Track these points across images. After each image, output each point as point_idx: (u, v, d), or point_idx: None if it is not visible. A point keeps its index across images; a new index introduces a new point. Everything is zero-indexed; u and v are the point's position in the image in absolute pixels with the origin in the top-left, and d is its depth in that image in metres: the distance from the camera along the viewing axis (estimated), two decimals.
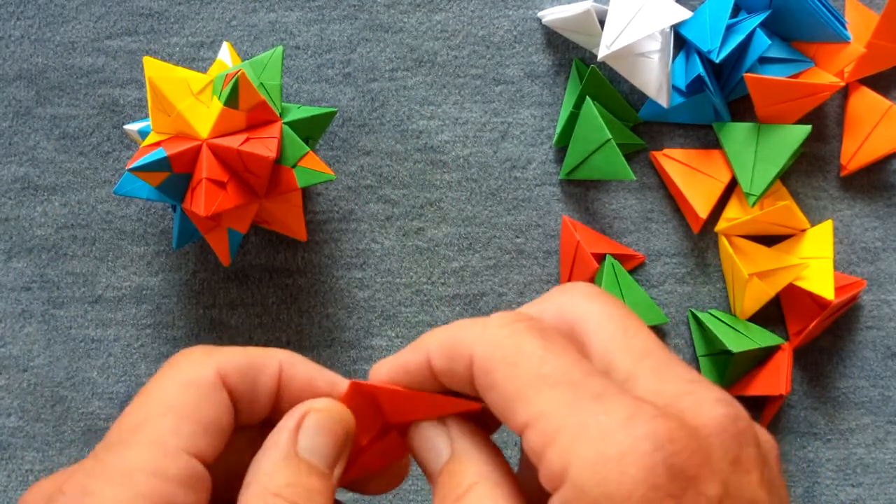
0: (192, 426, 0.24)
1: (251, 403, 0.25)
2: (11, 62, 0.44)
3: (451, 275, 0.44)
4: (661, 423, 0.20)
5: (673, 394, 0.22)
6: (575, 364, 0.22)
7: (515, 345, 0.23)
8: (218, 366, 0.25)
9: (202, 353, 0.25)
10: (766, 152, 0.42)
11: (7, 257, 0.44)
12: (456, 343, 0.24)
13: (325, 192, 0.44)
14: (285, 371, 0.26)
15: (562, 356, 0.22)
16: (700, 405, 0.22)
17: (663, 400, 0.22)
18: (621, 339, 0.23)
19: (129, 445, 0.23)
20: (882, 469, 0.44)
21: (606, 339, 0.24)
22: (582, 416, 0.21)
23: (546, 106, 0.44)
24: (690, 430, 0.21)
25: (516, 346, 0.23)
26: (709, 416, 0.21)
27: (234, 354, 0.25)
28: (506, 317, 0.24)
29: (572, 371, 0.22)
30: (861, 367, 0.44)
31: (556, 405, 0.21)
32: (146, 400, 0.24)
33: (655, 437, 0.20)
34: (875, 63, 0.43)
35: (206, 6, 0.44)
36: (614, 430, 0.20)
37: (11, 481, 0.43)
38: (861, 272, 0.44)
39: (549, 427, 0.21)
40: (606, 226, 0.44)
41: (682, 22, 0.42)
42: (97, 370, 0.44)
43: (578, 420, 0.21)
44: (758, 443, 0.23)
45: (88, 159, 0.44)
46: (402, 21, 0.44)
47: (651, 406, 0.21)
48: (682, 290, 0.44)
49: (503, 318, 0.24)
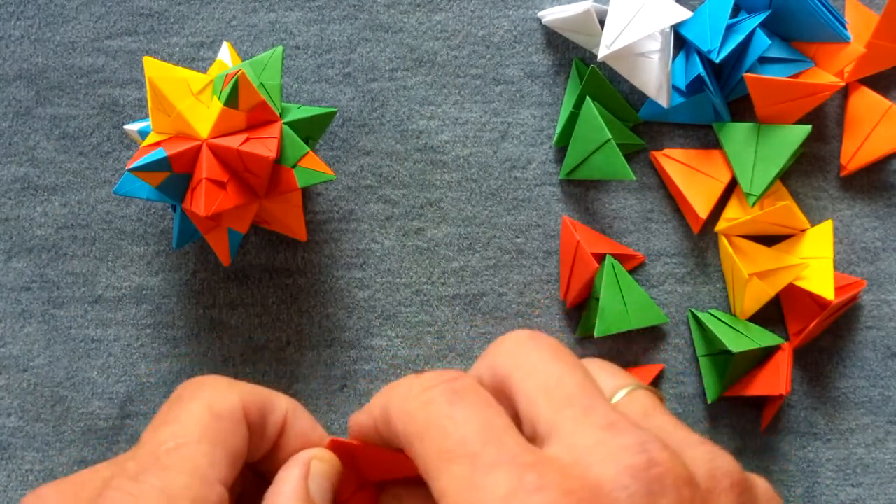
0: (224, 456, 0.24)
1: (260, 440, 0.27)
2: (11, 62, 0.44)
3: (451, 275, 0.44)
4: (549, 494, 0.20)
5: (585, 446, 0.22)
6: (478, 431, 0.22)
7: (425, 417, 0.23)
8: (242, 399, 0.26)
9: (227, 385, 0.26)
10: (766, 152, 0.42)
11: (7, 257, 0.44)
12: (385, 411, 0.25)
13: (325, 192, 0.44)
14: (290, 417, 0.27)
15: (466, 423, 0.22)
16: (610, 457, 0.21)
17: (574, 454, 0.21)
18: (544, 390, 0.23)
19: (169, 469, 0.24)
20: (882, 469, 0.44)
21: (531, 393, 0.24)
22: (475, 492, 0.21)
23: (546, 106, 0.44)
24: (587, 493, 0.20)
25: (426, 419, 0.23)
26: (615, 470, 0.21)
27: (252, 391, 0.26)
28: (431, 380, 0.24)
29: (471, 441, 0.22)
30: (861, 367, 0.44)
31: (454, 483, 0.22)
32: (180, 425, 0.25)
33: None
34: (875, 63, 0.43)
35: (206, 6, 0.44)
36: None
37: (11, 481, 0.43)
38: (861, 272, 0.44)
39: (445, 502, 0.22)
40: (606, 226, 0.44)
41: (682, 22, 0.42)
42: (97, 370, 0.44)
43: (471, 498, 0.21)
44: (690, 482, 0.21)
45: (88, 159, 0.44)
46: (402, 21, 0.44)
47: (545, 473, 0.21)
48: (682, 290, 0.44)
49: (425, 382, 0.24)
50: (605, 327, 0.42)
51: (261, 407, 0.26)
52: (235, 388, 0.26)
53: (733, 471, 0.23)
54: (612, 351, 0.44)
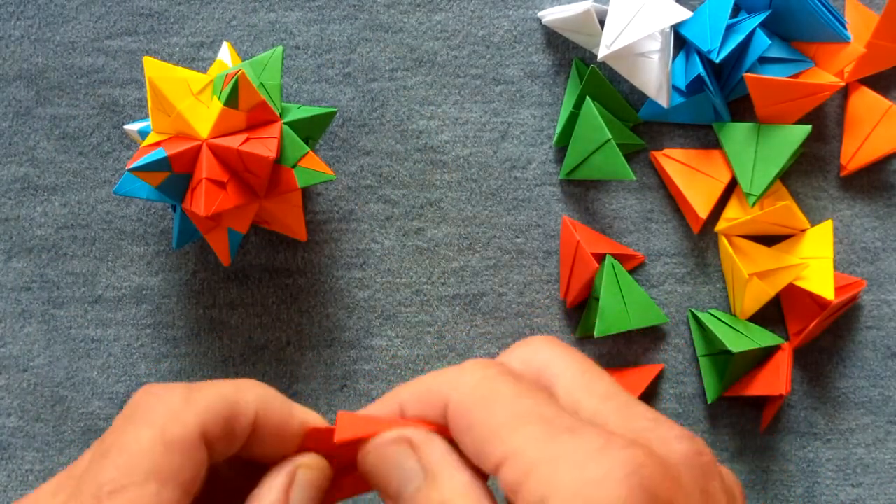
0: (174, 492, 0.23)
1: (224, 449, 0.25)
2: (11, 62, 0.44)
3: (451, 275, 0.44)
4: (635, 451, 0.21)
5: (639, 429, 0.23)
6: (546, 403, 0.23)
7: (490, 388, 0.24)
8: (201, 419, 0.24)
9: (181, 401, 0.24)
10: (766, 152, 0.42)
11: (7, 257, 0.44)
12: (430, 389, 0.25)
13: (325, 192, 0.44)
14: (260, 415, 0.25)
15: (533, 397, 0.23)
16: (665, 440, 0.23)
17: (631, 434, 0.23)
18: (584, 382, 0.25)
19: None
20: (882, 469, 0.44)
21: (570, 383, 0.25)
22: (557, 448, 0.22)
23: (546, 106, 0.44)
24: (661, 459, 0.22)
25: (491, 389, 0.24)
26: (674, 450, 0.23)
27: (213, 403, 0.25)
28: (479, 363, 0.25)
29: (545, 409, 0.23)
30: (861, 367, 0.44)
31: (532, 440, 0.22)
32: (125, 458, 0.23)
33: (631, 463, 0.21)
34: (875, 63, 0.43)
35: (206, 6, 0.44)
36: (590, 459, 0.21)
37: (11, 481, 0.43)
38: (861, 272, 0.44)
39: (526, 460, 0.22)
40: (606, 226, 0.44)
41: (682, 22, 0.42)
42: (97, 370, 0.44)
43: (554, 452, 0.21)
44: (721, 477, 0.24)
45: (88, 159, 0.44)
46: (402, 21, 0.44)
47: (622, 437, 0.22)
48: (682, 290, 0.44)
49: (477, 365, 0.25)
50: (605, 327, 0.42)
51: (224, 419, 0.25)
52: (193, 405, 0.24)
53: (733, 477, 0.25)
54: (612, 351, 0.44)
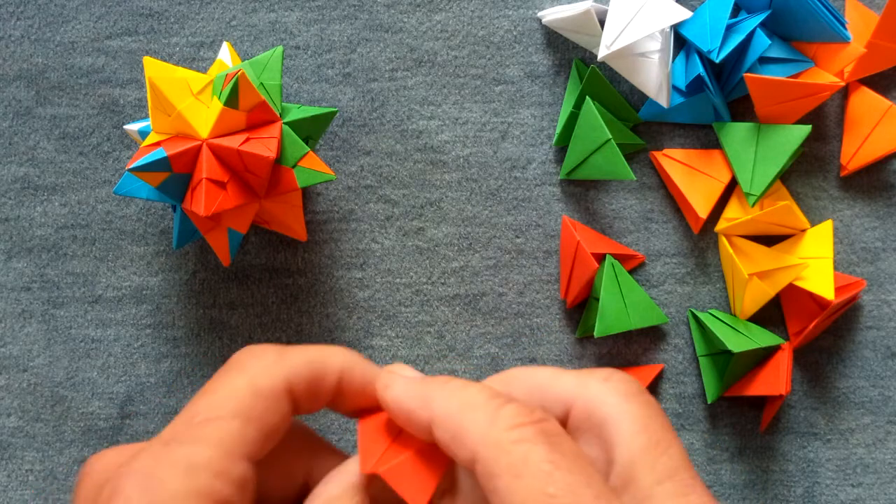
0: (256, 433, 0.25)
1: (309, 404, 0.27)
2: (11, 62, 0.44)
3: (451, 275, 0.44)
4: None
5: None
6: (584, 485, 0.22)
7: (522, 454, 0.22)
8: (288, 376, 0.26)
9: (274, 358, 0.26)
10: (766, 152, 0.42)
11: (7, 257, 0.44)
12: (460, 430, 0.24)
13: (325, 192, 0.44)
14: (345, 379, 0.27)
15: (570, 473, 0.22)
16: None
17: None
18: (650, 454, 0.23)
19: (197, 440, 0.24)
20: (882, 469, 0.44)
21: (634, 452, 0.23)
22: None
23: (546, 106, 0.44)
24: None
25: (523, 456, 0.22)
26: None
27: (302, 362, 0.27)
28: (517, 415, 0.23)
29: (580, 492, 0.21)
30: (861, 367, 0.44)
31: None
32: (217, 397, 0.25)
33: None
34: (875, 63, 0.43)
35: (206, 6, 0.44)
36: None
37: (11, 481, 0.43)
38: (861, 272, 0.44)
39: None
40: (606, 226, 0.44)
41: (682, 22, 0.42)
42: (97, 370, 0.44)
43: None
44: None
45: (88, 159, 0.44)
46: (402, 21, 0.44)
47: None
48: (682, 290, 0.44)
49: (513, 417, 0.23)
50: (605, 327, 0.42)
51: (310, 380, 0.27)
52: (284, 363, 0.26)
53: None
54: (612, 351, 0.44)
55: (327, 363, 0.27)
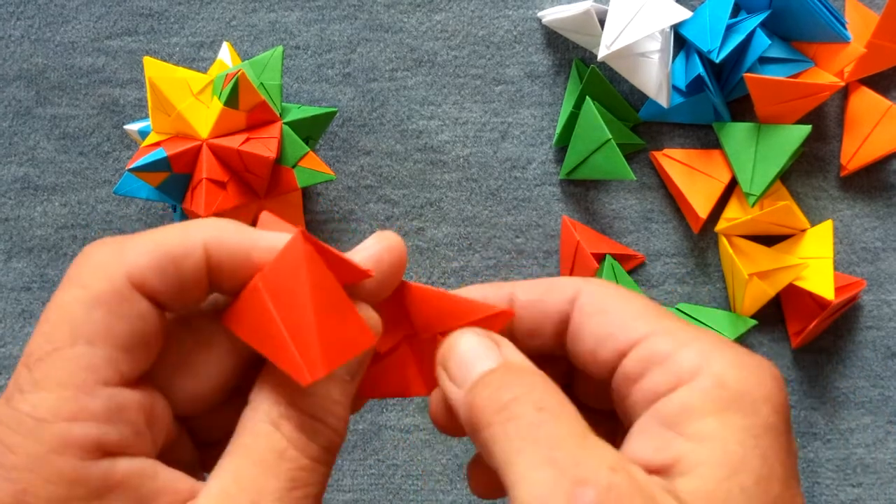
0: (106, 351, 0.21)
1: (180, 295, 0.22)
2: (11, 62, 0.44)
3: (451, 275, 0.44)
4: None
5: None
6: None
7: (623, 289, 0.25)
8: (128, 271, 0.22)
9: (109, 255, 0.22)
10: (766, 152, 0.42)
11: (7, 257, 0.44)
12: (553, 284, 0.26)
13: (325, 192, 0.44)
14: (213, 252, 0.22)
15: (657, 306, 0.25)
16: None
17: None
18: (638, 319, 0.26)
19: (39, 387, 0.20)
20: (882, 469, 0.44)
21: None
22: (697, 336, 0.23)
23: (546, 106, 0.44)
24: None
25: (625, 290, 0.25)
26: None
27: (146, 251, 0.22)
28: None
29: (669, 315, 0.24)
30: (861, 367, 0.44)
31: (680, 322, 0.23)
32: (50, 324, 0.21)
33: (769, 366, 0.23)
34: (875, 63, 0.43)
35: (206, 6, 0.44)
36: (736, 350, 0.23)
37: None
38: (861, 272, 0.44)
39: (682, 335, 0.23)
40: (606, 226, 0.44)
41: (682, 22, 0.42)
42: None
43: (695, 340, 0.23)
44: None
45: (88, 159, 0.44)
46: (402, 21, 0.44)
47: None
48: (682, 290, 0.44)
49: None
50: None
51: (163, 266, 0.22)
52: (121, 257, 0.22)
53: None
54: None
55: (185, 241, 0.22)
